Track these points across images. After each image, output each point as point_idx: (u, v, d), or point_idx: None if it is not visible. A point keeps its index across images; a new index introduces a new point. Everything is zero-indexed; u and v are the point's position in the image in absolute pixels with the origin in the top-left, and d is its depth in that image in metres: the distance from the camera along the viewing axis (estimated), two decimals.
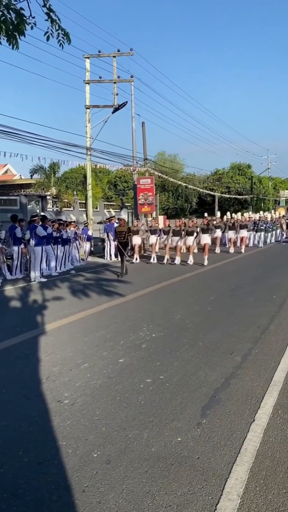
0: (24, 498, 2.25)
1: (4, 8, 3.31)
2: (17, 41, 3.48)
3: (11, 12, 3.36)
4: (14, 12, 3.37)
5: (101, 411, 3.29)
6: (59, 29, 3.64)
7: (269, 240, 21.76)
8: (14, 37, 3.43)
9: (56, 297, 8.20)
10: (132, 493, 2.29)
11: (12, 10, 3.36)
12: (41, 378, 3.98)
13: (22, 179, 30.41)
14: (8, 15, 3.35)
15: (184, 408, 3.32)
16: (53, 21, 3.57)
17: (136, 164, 21.26)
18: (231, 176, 47.33)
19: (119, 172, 39.02)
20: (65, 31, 3.69)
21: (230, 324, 5.89)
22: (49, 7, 3.49)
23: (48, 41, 3.68)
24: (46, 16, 3.53)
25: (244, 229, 17.94)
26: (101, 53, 19.15)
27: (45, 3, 3.47)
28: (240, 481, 2.37)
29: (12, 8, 3.35)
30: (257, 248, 19.18)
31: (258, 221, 20.81)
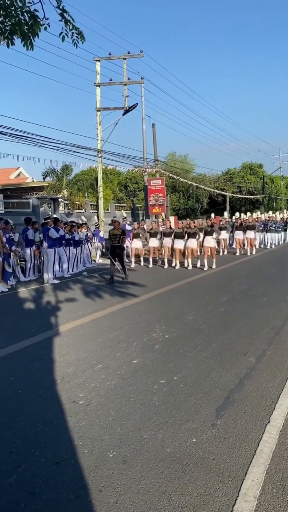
0: (42, 497, 2.28)
1: (19, 11, 3.37)
2: (32, 42, 3.55)
3: (25, 14, 3.42)
4: (28, 14, 3.43)
5: (115, 411, 3.31)
6: (73, 28, 3.70)
7: (277, 241, 20.85)
8: (28, 38, 3.49)
9: (69, 298, 8.28)
10: (149, 493, 2.30)
11: (26, 12, 3.42)
12: (56, 379, 4.03)
13: (34, 182, 30.77)
14: (22, 17, 3.41)
15: (198, 409, 3.32)
16: (67, 22, 3.63)
17: (146, 165, 21.30)
18: (242, 176, 47.02)
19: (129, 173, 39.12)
20: (79, 30, 3.75)
21: (243, 325, 5.86)
22: (62, 8, 3.55)
23: (64, 41, 3.74)
24: (59, 17, 3.58)
25: (252, 229, 17.05)
26: (112, 56, 19.28)
27: (58, 4, 3.52)
28: (256, 483, 2.36)
29: (27, 10, 3.41)
30: (266, 249, 18.67)
31: (267, 221, 20.10)
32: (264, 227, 19.66)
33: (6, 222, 10.46)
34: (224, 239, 16.96)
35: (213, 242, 12.64)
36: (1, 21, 3.51)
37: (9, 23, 3.53)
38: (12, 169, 34.00)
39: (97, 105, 19.39)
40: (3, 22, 3.51)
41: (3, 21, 3.50)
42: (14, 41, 3.60)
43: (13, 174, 34.49)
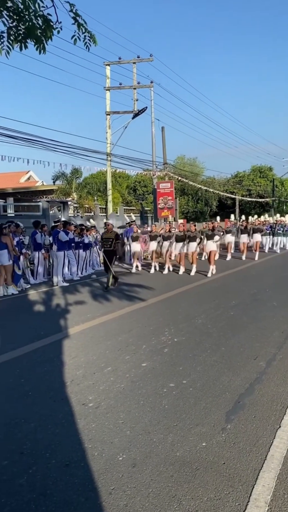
0: (53, 499, 2.30)
1: (32, 14, 3.42)
2: (44, 46, 3.60)
3: (39, 18, 3.47)
4: (42, 18, 3.49)
5: (125, 414, 3.32)
6: (86, 31, 3.74)
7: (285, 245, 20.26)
8: (41, 42, 3.54)
9: (78, 301, 8.32)
10: (158, 497, 2.30)
11: (39, 16, 3.47)
12: (65, 381, 4.05)
13: (44, 186, 31.00)
14: (36, 21, 3.46)
15: (208, 413, 3.31)
16: (80, 25, 3.67)
17: (155, 168, 21.35)
18: (252, 179, 46.77)
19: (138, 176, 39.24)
20: (91, 33, 3.79)
21: (253, 328, 5.83)
22: (75, 12, 3.59)
23: (75, 44, 3.78)
24: (72, 20, 3.63)
25: (258, 233, 16.25)
26: (121, 60, 19.40)
27: (71, 8, 3.56)
28: (267, 488, 2.34)
29: (40, 14, 3.46)
30: (274, 253, 18.06)
31: (275, 225, 19.40)
32: (272, 230, 19.05)
33: (17, 225, 10.57)
34: (229, 243, 16.40)
35: (214, 246, 11.98)
36: (15, 25, 3.57)
37: (22, 27, 3.58)
38: (22, 172, 34.33)
39: (106, 109, 19.52)
40: (17, 26, 3.57)
41: (17, 25, 3.56)
42: (27, 45, 3.66)
43: (23, 177, 34.80)
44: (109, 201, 20.38)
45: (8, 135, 12.69)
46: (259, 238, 16.31)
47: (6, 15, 3.50)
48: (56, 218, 13.50)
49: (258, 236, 16.23)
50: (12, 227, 10.11)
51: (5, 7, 3.39)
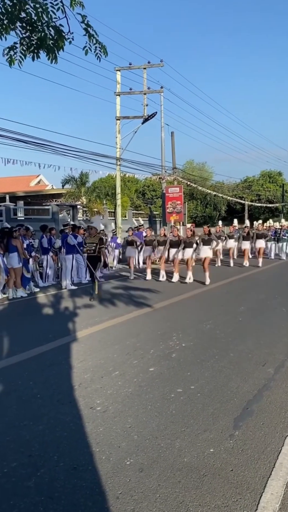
0: (61, 502, 2.31)
1: (45, 25, 3.49)
2: (56, 56, 3.66)
3: (51, 28, 3.54)
4: (54, 28, 3.55)
5: (132, 419, 3.32)
6: (97, 43, 3.79)
7: None
8: (53, 52, 3.60)
9: (86, 304, 8.35)
10: (166, 502, 2.30)
11: (51, 27, 3.54)
12: (73, 385, 4.07)
13: (53, 189, 31.30)
14: (48, 31, 3.53)
15: (216, 419, 3.29)
16: (91, 36, 3.72)
17: (164, 173, 21.41)
18: (261, 184, 46.63)
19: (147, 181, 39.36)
20: (102, 44, 3.84)
21: (261, 334, 5.79)
22: (87, 23, 3.65)
23: (86, 55, 3.84)
24: (84, 31, 3.69)
25: (262, 238, 15.41)
26: (132, 65, 19.56)
27: (83, 20, 3.62)
28: (275, 496, 2.33)
29: (52, 25, 3.53)
30: (280, 260, 17.26)
31: (280, 230, 18.32)
32: (277, 236, 18.10)
33: (27, 228, 10.67)
34: (231, 248, 15.68)
35: (209, 252, 11.14)
36: (28, 35, 3.64)
37: (35, 37, 3.65)
38: (32, 176, 34.69)
39: (116, 114, 19.66)
40: (29, 36, 3.64)
41: (29, 35, 3.63)
42: (40, 55, 3.73)
43: (34, 181, 35.17)
44: (118, 205, 20.46)
45: (20, 140, 12.86)
46: (263, 244, 15.56)
47: (20, 26, 3.57)
48: (65, 222, 13.60)
49: (262, 242, 15.48)
50: (22, 230, 10.21)
51: (19, 18, 3.46)
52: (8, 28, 3.56)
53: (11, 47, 3.80)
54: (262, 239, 15.42)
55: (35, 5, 3.46)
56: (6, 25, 3.52)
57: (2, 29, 3.53)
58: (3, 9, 3.49)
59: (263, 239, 15.49)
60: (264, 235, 15.69)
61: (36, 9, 3.48)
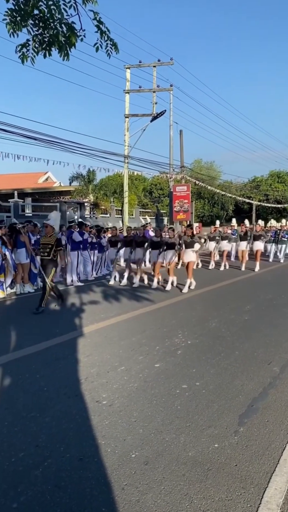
0: (67, 491, 2.35)
1: (57, 22, 3.51)
2: (68, 53, 3.69)
3: (63, 25, 3.56)
4: (66, 25, 3.57)
5: (138, 413, 3.36)
6: (108, 39, 3.82)
7: None
8: (65, 49, 3.63)
9: (92, 301, 8.40)
10: (170, 494, 2.33)
11: (64, 24, 3.56)
12: (80, 379, 4.11)
13: (61, 186, 31.43)
14: (60, 29, 3.55)
15: (220, 415, 3.32)
16: (103, 33, 3.75)
17: (172, 171, 21.39)
18: (269, 184, 46.32)
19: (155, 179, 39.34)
20: (113, 41, 3.86)
21: (267, 333, 5.79)
22: (99, 20, 3.67)
23: (97, 52, 3.86)
24: (96, 28, 3.71)
25: (259, 240, 14.10)
26: (142, 63, 19.56)
27: (95, 16, 3.64)
28: (279, 491, 2.35)
29: (65, 22, 3.55)
30: (278, 263, 16.01)
31: (280, 231, 17.04)
32: (276, 237, 16.86)
33: (35, 224, 10.75)
34: (226, 251, 14.58)
35: (193, 256, 9.85)
36: (40, 32, 3.67)
37: (47, 34, 3.68)
38: (40, 173, 34.87)
39: (125, 112, 19.69)
40: (42, 34, 3.67)
41: (42, 32, 3.66)
42: (52, 52, 3.76)
43: (42, 178, 35.34)
44: (125, 203, 20.51)
45: (29, 136, 12.94)
46: (261, 246, 14.22)
47: (32, 23, 3.60)
48: (71, 219, 13.66)
49: (260, 244, 14.12)
50: (29, 226, 10.29)
51: (31, 15, 3.49)
52: (20, 25, 3.60)
53: (23, 44, 3.84)
54: (260, 241, 14.16)
55: (47, 2, 3.50)
56: (19, 22, 3.55)
57: (15, 25, 3.56)
58: (16, 6, 3.53)
59: (260, 241, 14.21)
60: (262, 236, 14.38)
61: (49, 6, 3.51)
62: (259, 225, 14.94)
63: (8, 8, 3.53)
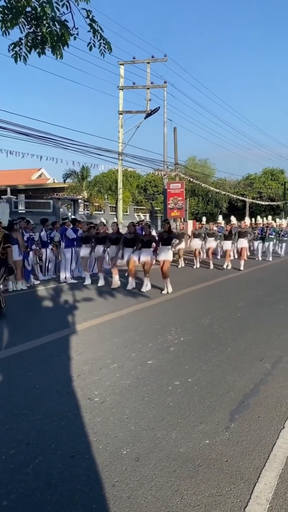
0: (58, 488, 2.35)
1: (50, 20, 3.48)
2: (61, 51, 3.65)
3: (56, 23, 3.53)
4: (59, 23, 3.54)
5: (130, 410, 3.36)
6: (101, 38, 3.78)
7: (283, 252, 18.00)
8: (59, 48, 3.60)
9: (85, 298, 8.39)
10: (161, 490, 2.34)
11: (57, 22, 3.53)
12: (72, 376, 4.11)
13: (55, 183, 31.27)
14: (53, 26, 3.52)
15: (212, 411, 3.33)
16: (96, 31, 3.71)
17: (166, 168, 21.38)
18: (263, 182, 46.52)
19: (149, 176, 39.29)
20: (106, 40, 3.83)
21: (259, 330, 5.82)
22: (91, 18, 3.64)
23: (91, 51, 3.83)
24: (88, 27, 3.67)
25: (245, 238, 13.53)
26: (136, 60, 19.49)
27: (88, 15, 3.61)
28: (269, 486, 2.37)
29: (57, 20, 3.52)
30: (266, 262, 15.56)
31: (267, 228, 16.46)
32: (262, 234, 16.38)
33: (27, 221, 10.69)
34: (211, 248, 14.01)
35: (169, 254, 9.02)
36: (33, 30, 3.63)
37: (40, 32, 3.64)
38: (34, 170, 34.66)
39: (119, 108, 19.61)
40: (34, 32, 3.63)
41: (34, 30, 3.62)
42: (45, 51, 3.71)
43: (35, 175, 35.14)
44: (119, 199, 20.47)
45: (22, 132, 12.84)
46: (245, 244, 13.64)
47: (24, 21, 3.56)
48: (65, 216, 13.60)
49: (244, 242, 13.50)
50: (22, 223, 10.23)
51: (23, 12, 3.45)
52: (12, 23, 3.55)
53: (16, 42, 3.79)
54: (245, 239, 13.61)
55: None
56: (10, 20, 3.50)
57: (7, 23, 3.51)
58: (8, 3, 3.48)
59: (246, 239, 13.71)
60: (247, 233, 13.89)
61: (41, 4, 3.47)
62: (244, 222, 14.53)
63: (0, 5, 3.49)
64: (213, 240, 14.15)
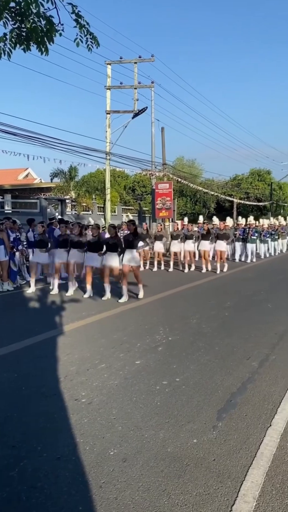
0: (43, 491, 2.31)
1: (35, 16, 3.43)
2: (47, 47, 3.61)
3: (41, 19, 3.48)
4: (45, 19, 3.49)
5: (117, 410, 3.34)
6: (88, 33, 3.75)
7: (263, 254, 17.53)
8: (44, 44, 3.55)
9: (73, 299, 8.32)
10: (148, 491, 2.32)
11: (42, 18, 3.48)
12: (59, 377, 4.06)
13: (42, 183, 31.01)
14: (38, 22, 3.47)
15: (200, 410, 3.33)
16: (82, 26, 3.67)
17: (154, 168, 21.39)
18: (250, 182, 46.93)
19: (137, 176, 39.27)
20: (93, 35, 3.79)
21: (247, 329, 5.86)
22: (77, 13, 3.60)
23: (78, 46, 3.78)
24: (74, 23, 3.63)
25: (223, 239, 12.67)
26: (123, 60, 19.44)
27: (73, 10, 3.57)
28: (256, 484, 2.37)
29: (43, 15, 3.47)
30: (247, 263, 15.27)
31: (248, 229, 15.84)
32: (244, 235, 15.81)
33: (14, 221, 10.56)
34: (190, 252, 12.85)
35: (134, 259, 8.16)
36: (18, 26, 3.57)
37: (24, 28, 3.59)
38: (20, 169, 34.31)
39: (107, 108, 19.54)
40: (19, 27, 3.57)
41: (19, 26, 3.57)
42: (31, 47, 3.66)
43: (22, 174, 34.79)
44: (107, 200, 20.40)
45: (8, 132, 12.68)
46: (224, 247, 12.71)
47: (8, 15, 3.50)
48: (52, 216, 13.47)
49: (223, 244, 12.63)
50: (8, 223, 10.10)
51: (8, 7, 3.39)
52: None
53: (0, 38, 3.73)
54: (223, 241, 12.69)
55: None
56: None
57: None
58: None
59: (225, 241, 12.77)
60: (226, 235, 12.91)
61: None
62: (223, 223, 13.61)
63: None
64: (192, 242, 12.87)
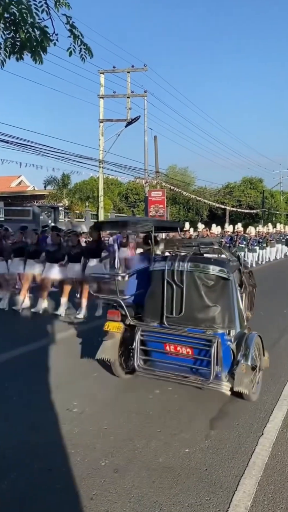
0: (34, 503, 2.28)
1: (29, 26, 3.46)
2: (41, 57, 3.64)
3: (36, 29, 3.51)
4: (39, 29, 3.53)
5: (109, 420, 3.31)
6: (81, 44, 3.78)
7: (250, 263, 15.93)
8: (38, 54, 3.58)
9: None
10: (140, 502, 2.31)
11: (36, 28, 3.51)
12: (51, 386, 4.02)
13: (35, 190, 30.96)
14: (33, 32, 3.50)
15: (192, 420, 3.32)
16: (76, 37, 3.71)
17: (147, 176, 21.52)
18: (242, 190, 47.38)
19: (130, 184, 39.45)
20: (87, 45, 3.82)
21: None
22: (72, 24, 3.64)
23: (71, 56, 3.81)
24: (68, 33, 3.67)
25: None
26: (116, 69, 19.65)
27: (68, 21, 3.61)
28: (248, 494, 2.37)
29: (37, 26, 3.51)
30: None
31: (236, 237, 15.51)
32: (232, 243, 15.05)
33: (6, 229, 10.51)
34: None
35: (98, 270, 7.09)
36: (12, 36, 3.60)
37: (18, 38, 3.62)
38: (13, 177, 34.21)
39: (100, 117, 19.68)
40: (13, 37, 3.60)
41: (13, 36, 3.60)
42: (23, 56, 3.69)
43: (15, 182, 34.68)
44: (100, 207, 20.45)
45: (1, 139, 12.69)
46: None
47: (3, 26, 3.53)
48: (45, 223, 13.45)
49: None
50: (1, 230, 10.04)
51: (3, 17, 3.42)
52: None
53: None
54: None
55: (18, 5, 3.43)
56: None
57: None
58: None
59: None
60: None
61: (20, 10, 3.45)
62: (206, 230, 12.41)
63: None
64: None
